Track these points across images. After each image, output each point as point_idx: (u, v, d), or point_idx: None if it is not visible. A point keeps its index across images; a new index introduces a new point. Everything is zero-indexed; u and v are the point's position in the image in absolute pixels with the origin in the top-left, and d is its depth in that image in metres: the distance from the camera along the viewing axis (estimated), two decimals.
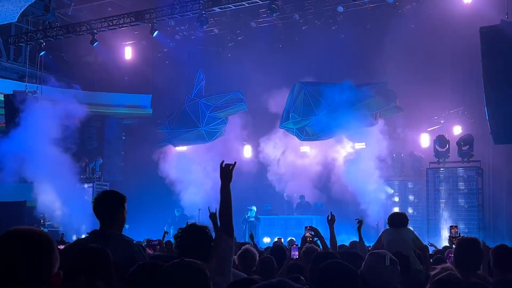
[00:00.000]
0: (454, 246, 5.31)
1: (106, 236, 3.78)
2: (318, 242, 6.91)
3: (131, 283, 2.72)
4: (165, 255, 6.05)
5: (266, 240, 16.33)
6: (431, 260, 7.02)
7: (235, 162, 3.83)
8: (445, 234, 14.79)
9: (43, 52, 19.76)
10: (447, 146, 15.99)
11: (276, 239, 11.37)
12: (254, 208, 15.39)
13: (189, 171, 18.88)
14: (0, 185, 17.60)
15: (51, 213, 17.81)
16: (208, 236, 3.60)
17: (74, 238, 14.93)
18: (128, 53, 21.03)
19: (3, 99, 18.75)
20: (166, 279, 2.39)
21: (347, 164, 17.10)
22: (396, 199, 17.16)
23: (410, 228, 7.50)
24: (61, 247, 8.59)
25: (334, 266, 3.19)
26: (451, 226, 6.78)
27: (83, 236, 8.34)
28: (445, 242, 11.95)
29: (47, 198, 17.21)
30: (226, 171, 3.77)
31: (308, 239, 6.56)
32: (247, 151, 19.66)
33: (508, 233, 14.40)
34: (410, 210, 16.42)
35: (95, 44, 19.07)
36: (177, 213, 18.78)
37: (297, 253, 5.82)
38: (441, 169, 16.10)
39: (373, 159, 16.74)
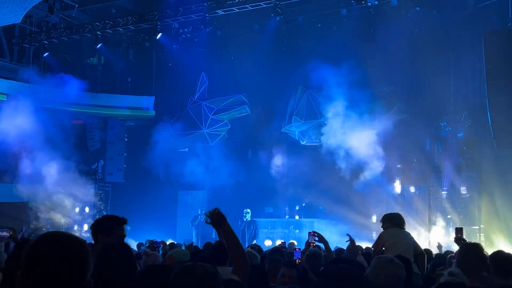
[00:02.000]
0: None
1: None
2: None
3: (139, 285, 2.70)
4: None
5: (268, 243, 16.30)
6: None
7: (216, 208, 3.65)
8: (438, 238, 14.75)
9: (46, 53, 19.81)
10: (450, 151, 15.96)
11: (280, 242, 11.35)
12: (249, 210, 15.47)
13: (191, 172, 18.86)
14: (1, 185, 17.61)
15: (53, 214, 17.80)
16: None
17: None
18: (131, 54, 21.05)
19: (6, 99, 18.76)
20: (178, 283, 2.36)
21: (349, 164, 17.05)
22: (399, 203, 17.10)
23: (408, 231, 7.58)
24: None
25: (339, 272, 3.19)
26: (456, 228, 6.85)
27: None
28: (446, 247, 11.94)
29: (49, 198, 17.21)
30: (216, 217, 3.58)
31: (311, 244, 6.54)
32: (250, 154, 19.65)
33: (509, 239, 14.34)
34: (412, 214, 16.37)
35: (98, 45, 19.11)
36: (200, 211, 17.95)
37: (300, 256, 5.80)
38: (443, 173, 16.07)
39: (374, 161, 16.70)
